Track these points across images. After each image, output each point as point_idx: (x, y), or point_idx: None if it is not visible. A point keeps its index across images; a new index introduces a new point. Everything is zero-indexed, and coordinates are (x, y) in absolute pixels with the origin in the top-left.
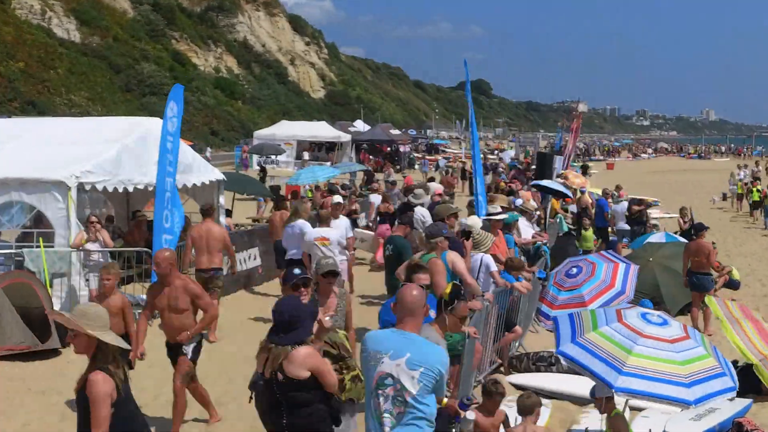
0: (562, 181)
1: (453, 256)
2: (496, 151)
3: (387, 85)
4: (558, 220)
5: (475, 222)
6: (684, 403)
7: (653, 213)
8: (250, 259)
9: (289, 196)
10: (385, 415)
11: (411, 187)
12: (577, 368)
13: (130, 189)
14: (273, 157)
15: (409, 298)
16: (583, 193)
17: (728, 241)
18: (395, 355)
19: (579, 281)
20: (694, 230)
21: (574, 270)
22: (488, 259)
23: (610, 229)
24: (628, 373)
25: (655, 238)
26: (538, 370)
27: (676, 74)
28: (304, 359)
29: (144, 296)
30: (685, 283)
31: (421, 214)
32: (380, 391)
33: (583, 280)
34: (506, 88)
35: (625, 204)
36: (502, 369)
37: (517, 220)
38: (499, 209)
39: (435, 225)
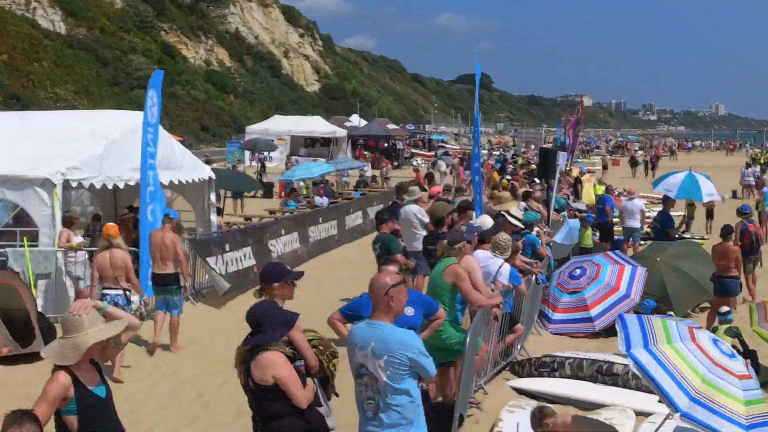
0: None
1: (471, 263)
2: (497, 147)
3: (384, 79)
4: (562, 218)
5: (485, 222)
6: None
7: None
8: (244, 258)
9: (283, 194)
10: (366, 402)
11: (403, 184)
12: (644, 378)
13: (120, 185)
14: (266, 153)
15: (372, 287)
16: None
17: None
18: (362, 347)
19: (582, 284)
20: (720, 233)
21: (578, 271)
22: (506, 269)
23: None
24: (696, 400)
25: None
26: (540, 376)
27: (684, 68)
28: (266, 364)
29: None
30: (713, 288)
31: (413, 212)
32: (359, 381)
33: (586, 282)
34: (508, 81)
35: (639, 202)
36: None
37: (539, 220)
38: (520, 212)
39: (456, 231)
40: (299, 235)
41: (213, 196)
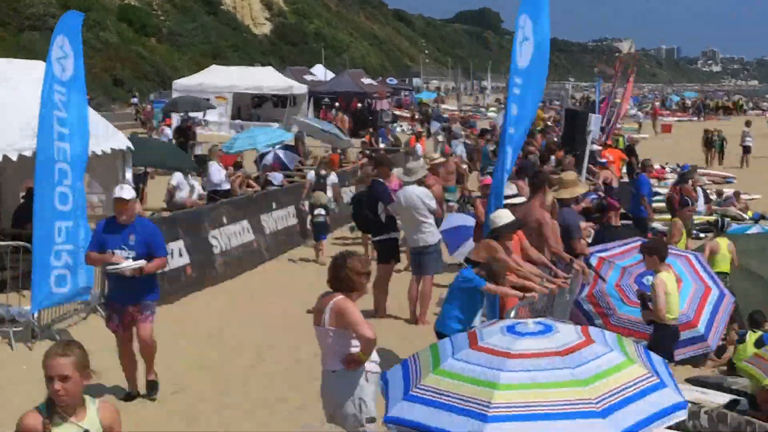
0: (598, 148)
1: None
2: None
3: (358, 17)
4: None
5: (502, 216)
6: None
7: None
8: (173, 255)
9: (232, 169)
10: None
11: (384, 157)
12: None
13: (13, 158)
14: (198, 115)
15: None
16: (604, 166)
17: None
18: None
19: None
20: None
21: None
22: None
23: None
24: (497, 417)
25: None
26: None
27: (758, 2)
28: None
29: (22, 308)
30: None
31: (418, 196)
32: None
33: None
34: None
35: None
36: None
37: None
38: (515, 191)
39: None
40: (250, 225)
41: (129, 174)
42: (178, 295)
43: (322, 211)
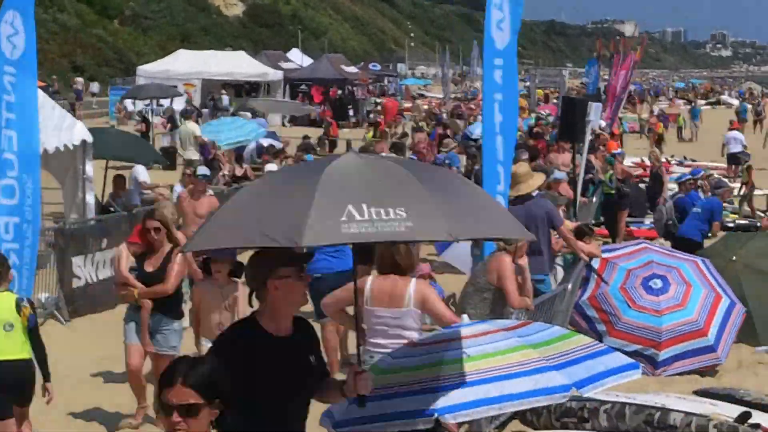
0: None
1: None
2: None
3: None
4: (594, 197)
5: None
6: (561, 392)
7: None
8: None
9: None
10: None
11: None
12: None
13: None
14: (164, 103)
15: None
16: (615, 157)
17: None
18: None
19: (661, 305)
20: None
21: (658, 283)
22: None
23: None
24: (450, 386)
25: None
26: (564, 428)
27: None
28: None
29: None
30: None
31: None
32: None
33: (666, 306)
34: None
35: None
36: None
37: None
38: None
39: None
40: None
41: (89, 168)
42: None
43: None
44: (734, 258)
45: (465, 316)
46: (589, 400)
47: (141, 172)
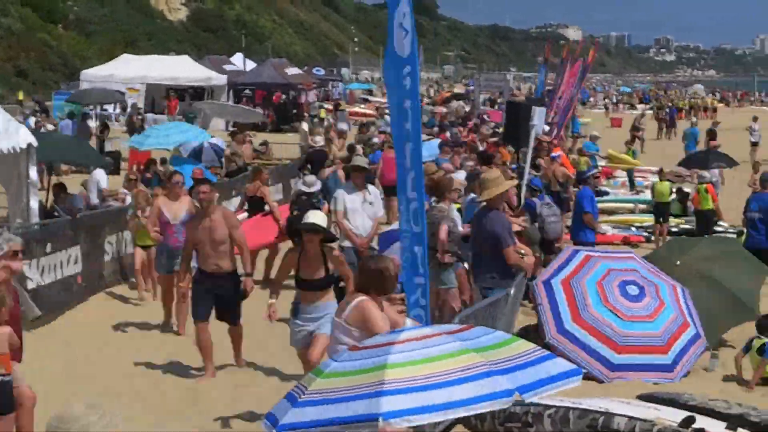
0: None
1: None
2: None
3: (282, 2)
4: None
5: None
6: (505, 396)
7: None
8: (67, 263)
9: (135, 168)
10: None
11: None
12: None
13: None
14: (108, 108)
15: None
16: (554, 160)
17: None
18: None
19: (630, 312)
20: None
21: (635, 290)
22: None
23: None
24: (393, 391)
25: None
26: None
27: None
28: None
29: None
30: None
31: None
32: None
33: (636, 315)
34: (461, 4)
35: None
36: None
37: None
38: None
39: None
40: None
41: (33, 172)
42: (63, 309)
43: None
44: (678, 263)
45: (408, 320)
46: (533, 405)
47: (101, 178)
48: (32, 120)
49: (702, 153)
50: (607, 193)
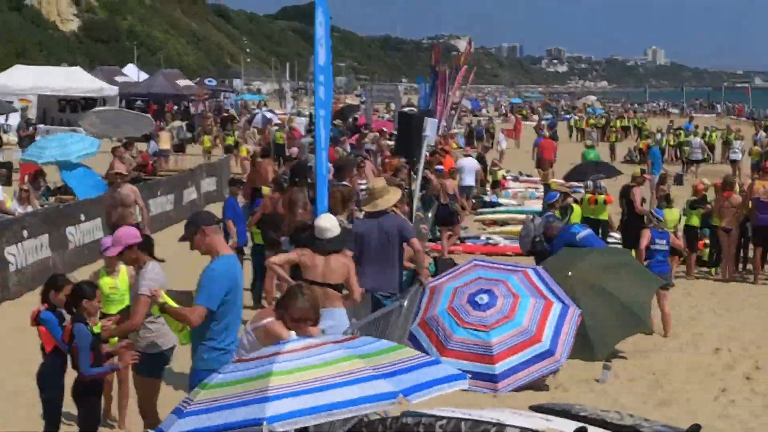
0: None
1: None
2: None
3: (174, 13)
4: (429, 212)
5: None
6: (388, 399)
7: None
8: None
9: (26, 179)
10: None
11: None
12: None
13: None
14: (0, 119)
15: None
16: (440, 173)
17: None
18: None
19: (488, 320)
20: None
21: (485, 298)
22: None
23: None
24: (278, 396)
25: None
26: None
27: None
28: None
29: None
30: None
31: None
32: None
33: (494, 320)
34: (353, 16)
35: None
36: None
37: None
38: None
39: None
40: (50, 239)
41: None
42: None
43: None
44: (570, 273)
45: (292, 333)
46: (424, 416)
47: None
48: None
49: (584, 165)
50: (499, 204)
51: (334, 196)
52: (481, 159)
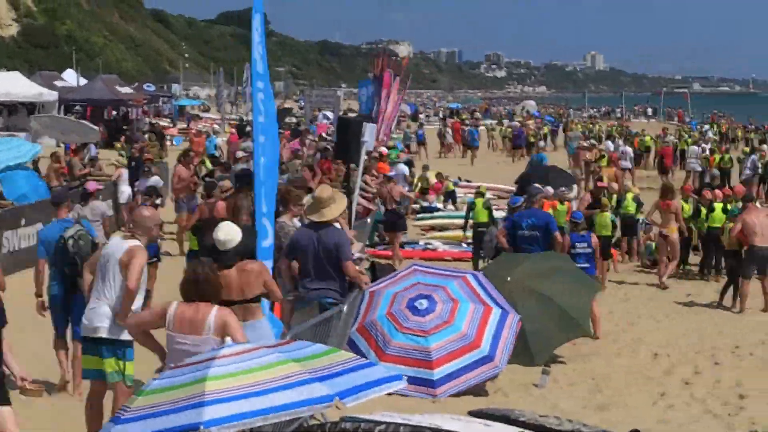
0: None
1: None
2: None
3: (112, 18)
4: (369, 218)
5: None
6: (325, 401)
7: None
8: None
9: None
10: None
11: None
12: None
13: None
14: None
15: None
16: (390, 179)
17: None
18: None
19: (427, 325)
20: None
21: (424, 303)
22: None
23: None
24: (214, 401)
25: None
26: None
27: (545, 3)
28: None
29: None
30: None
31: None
32: None
33: (434, 325)
34: (291, 21)
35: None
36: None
37: None
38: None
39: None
40: None
41: None
42: None
43: None
44: (509, 279)
45: (228, 339)
46: (363, 421)
47: None
48: None
49: (536, 170)
50: (437, 209)
51: (289, 194)
52: (409, 164)
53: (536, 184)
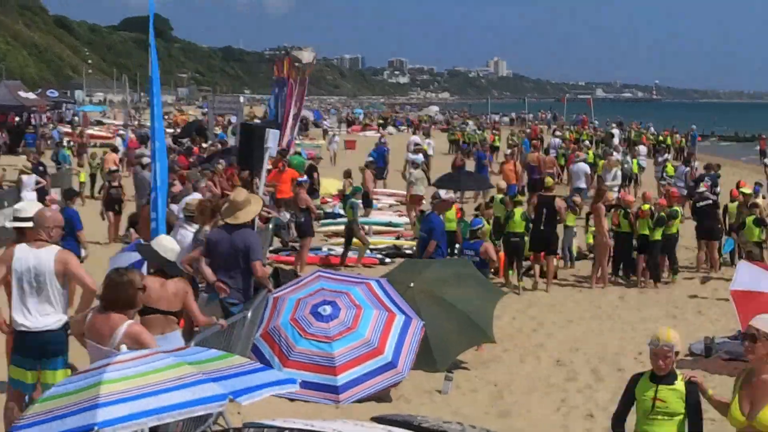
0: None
1: None
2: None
3: (15, 24)
4: (270, 224)
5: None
6: (218, 401)
7: None
8: None
9: None
10: None
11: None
12: None
13: None
14: None
15: None
16: (300, 185)
17: None
18: None
19: (331, 332)
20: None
21: (327, 309)
22: None
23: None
24: (108, 402)
25: None
26: None
27: (447, 8)
28: None
29: None
30: None
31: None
32: None
33: (338, 331)
34: (194, 27)
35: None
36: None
37: None
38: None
39: None
40: None
41: None
42: None
43: None
44: (412, 284)
45: (123, 346)
46: (266, 427)
47: None
48: None
49: (455, 173)
50: (340, 215)
51: (203, 206)
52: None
53: (442, 190)
